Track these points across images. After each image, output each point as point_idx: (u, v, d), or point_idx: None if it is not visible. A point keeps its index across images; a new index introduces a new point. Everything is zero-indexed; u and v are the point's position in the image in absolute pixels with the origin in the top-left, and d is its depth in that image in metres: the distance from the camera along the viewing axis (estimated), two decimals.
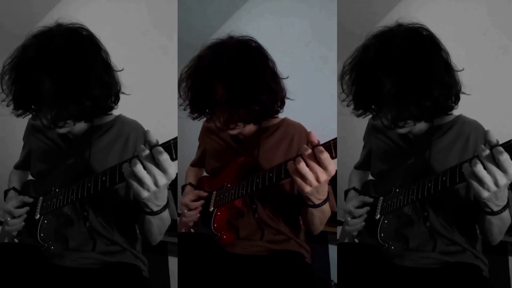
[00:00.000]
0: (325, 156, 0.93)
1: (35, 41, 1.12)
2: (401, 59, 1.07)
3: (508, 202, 1.02)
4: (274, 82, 1.25)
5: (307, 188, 0.98)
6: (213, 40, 1.27)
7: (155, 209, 1.05)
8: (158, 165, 0.91)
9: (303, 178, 0.97)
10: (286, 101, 1.31)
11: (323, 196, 1.08)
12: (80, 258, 1.20)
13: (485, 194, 0.92)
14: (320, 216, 1.19)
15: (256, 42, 1.27)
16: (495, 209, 1.01)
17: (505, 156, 0.87)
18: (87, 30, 1.17)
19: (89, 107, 1.13)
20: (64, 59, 1.09)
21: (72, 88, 1.09)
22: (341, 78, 1.18)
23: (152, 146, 0.91)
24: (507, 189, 0.97)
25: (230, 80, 1.18)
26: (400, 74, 1.06)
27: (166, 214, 1.10)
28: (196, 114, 1.32)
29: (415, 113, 1.10)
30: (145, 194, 0.94)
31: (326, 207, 1.14)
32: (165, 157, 0.90)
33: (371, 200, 1.25)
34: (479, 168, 0.90)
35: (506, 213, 1.04)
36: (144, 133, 0.94)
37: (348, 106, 1.19)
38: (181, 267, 1.28)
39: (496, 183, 0.90)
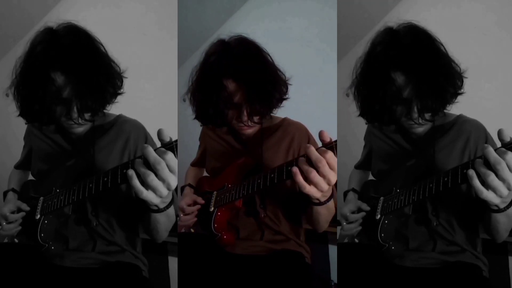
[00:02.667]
0: (329, 155, 0.93)
1: (44, 46, 1.11)
2: (415, 53, 1.08)
3: None
4: (279, 70, 1.27)
5: (318, 194, 0.97)
6: (209, 46, 1.27)
7: (162, 206, 1.03)
8: (169, 168, 0.90)
9: (316, 185, 0.95)
10: (287, 101, 1.31)
11: (329, 193, 1.06)
12: (80, 258, 1.20)
13: (497, 200, 0.92)
14: (325, 214, 1.17)
15: (248, 38, 1.28)
16: (502, 206, 0.99)
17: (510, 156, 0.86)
18: (80, 27, 1.18)
19: (111, 94, 1.16)
20: (78, 53, 1.10)
21: (96, 77, 1.11)
22: (352, 93, 1.18)
23: (164, 145, 0.91)
24: None
25: (249, 75, 1.18)
26: (420, 67, 1.07)
27: (171, 210, 1.09)
28: (210, 121, 1.31)
29: (441, 102, 1.10)
30: (157, 200, 0.94)
31: (331, 204, 1.12)
32: (174, 161, 0.90)
33: (368, 208, 1.25)
34: (492, 177, 0.88)
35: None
36: (158, 132, 0.92)
37: (361, 116, 1.19)
38: (181, 267, 1.28)
39: (509, 187, 0.89)
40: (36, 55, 1.11)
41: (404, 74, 1.08)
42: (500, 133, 0.90)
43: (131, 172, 0.92)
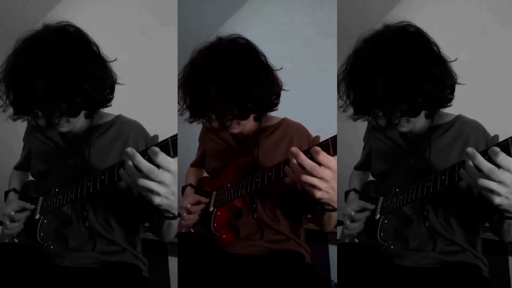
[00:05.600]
0: (322, 156, 0.94)
1: (25, 46, 1.12)
2: (390, 58, 1.07)
3: None
4: (266, 75, 1.24)
5: (319, 193, 0.97)
6: (203, 43, 1.27)
7: (176, 212, 1.04)
8: (161, 167, 0.90)
9: (312, 186, 0.96)
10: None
11: (333, 193, 1.04)
12: (80, 258, 1.20)
13: (497, 199, 0.90)
14: (336, 216, 1.17)
15: (244, 38, 1.27)
16: None
17: (502, 156, 0.86)
18: (74, 26, 1.17)
19: (82, 103, 1.13)
20: (53, 59, 1.09)
21: (62, 86, 1.09)
22: (337, 86, 1.18)
23: (159, 143, 0.91)
24: None
25: (220, 80, 1.18)
26: (390, 72, 1.06)
27: None
28: (196, 119, 1.32)
29: (409, 110, 1.10)
30: (164, 200, 0.93)
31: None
32: (163, 158, 0.89)
33: (372, 207, 1.25)
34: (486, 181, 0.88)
35: None
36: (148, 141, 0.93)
37: (344, 111, 1.19)
38: (181, 267, 1.28)
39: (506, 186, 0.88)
40: (18, 53, 1.12)
41: (378, 75, 1.07)
42: (494, 140, 0.90)
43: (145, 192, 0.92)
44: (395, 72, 1.06)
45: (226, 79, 1.18)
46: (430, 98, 1.09)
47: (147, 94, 2.03)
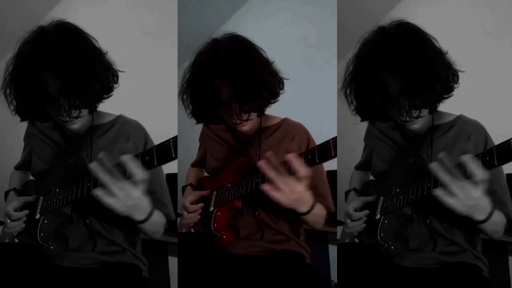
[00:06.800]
0: (296, 164, 0.98)
1: (29, 46, 1.11)
2: (400, 50, 1.07)
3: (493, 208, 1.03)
4: (270, 66, 1.26)
5: (287, 201, 1.02)
6: (201, 45, 1.27)
7: (141, 218, 1.08)
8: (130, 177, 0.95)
9: (280, 193, 1.01)
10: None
11: (309, 203, 1.11)
12: (80, 258, 1.20)
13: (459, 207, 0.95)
14: (313, 220, 1.22)
15: (241, 35, 1.27)
16: (481, 218, 1.02)
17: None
18: (70, 23, 1.17)
19: (100, 90, 1.14)
20: (64, 51, 1.09)
21: (81, 76, 1.09)
22: (344, 93, 1.18)
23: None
24: (486, 198, 0.98)
25: (235, 73, 1.18)
26: (404, 64, 1.06)
27: (156, 217, 1.13)
28: (204, 119, 1.33)
29: (428, 100, 1.10)
30: (123, 208, 0.99)
31: (318, 210, 1.16)
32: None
33: (373, 199, 1.24)
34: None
35: (495, 217, 1.05)
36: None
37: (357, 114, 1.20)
38: (181, 267, 1.28)
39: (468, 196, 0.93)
40: (23, 55, 1.11)
41: (390, 72, 1.07)
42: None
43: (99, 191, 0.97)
44: (409, 63, 1.06)
45: (241, 71, 1.18)
46: (445, 85, 1.10)
47: (148, 93, 2.04)
